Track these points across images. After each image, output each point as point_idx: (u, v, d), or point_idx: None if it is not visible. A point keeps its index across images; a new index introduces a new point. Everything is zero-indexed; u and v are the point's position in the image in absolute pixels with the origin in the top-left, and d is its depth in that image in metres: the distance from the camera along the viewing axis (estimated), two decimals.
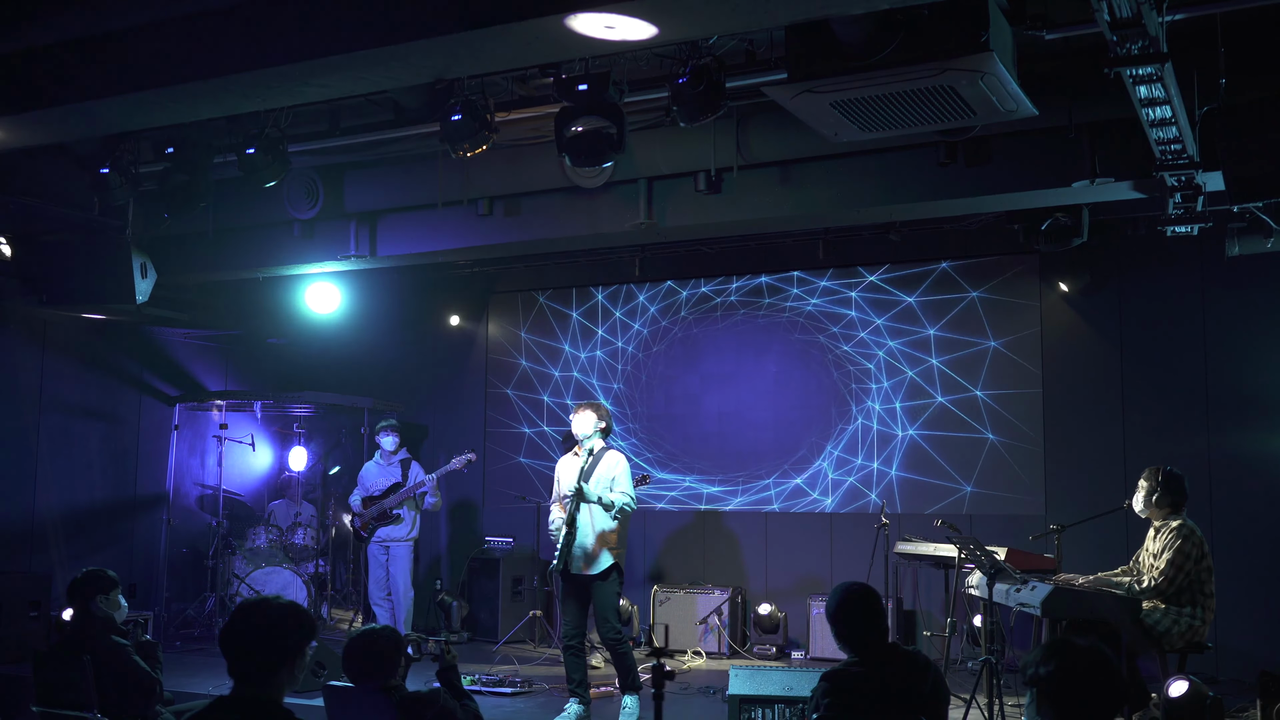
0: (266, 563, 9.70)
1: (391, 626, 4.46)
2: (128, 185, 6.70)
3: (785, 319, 9.84)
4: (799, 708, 5.71)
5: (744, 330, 10.00)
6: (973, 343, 9.14)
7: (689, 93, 5.24)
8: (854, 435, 9.51)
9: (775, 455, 9.76)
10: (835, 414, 9.59)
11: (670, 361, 10.27)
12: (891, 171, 6.88)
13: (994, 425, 9.01)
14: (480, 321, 11.07)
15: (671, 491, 10.11)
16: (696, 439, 10.10)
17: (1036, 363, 8.92)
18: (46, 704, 4.87)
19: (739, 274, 10.02)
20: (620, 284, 10.47)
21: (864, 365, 9.52)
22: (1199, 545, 6.16)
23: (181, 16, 5.05)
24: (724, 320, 10.09)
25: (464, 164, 7.19)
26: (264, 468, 11.36)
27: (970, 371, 9.13)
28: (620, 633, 6.78)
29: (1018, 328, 9.00)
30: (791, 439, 9.72)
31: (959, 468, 9.10)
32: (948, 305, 9.26)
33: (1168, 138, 5.44)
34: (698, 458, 10.07)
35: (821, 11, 4.45)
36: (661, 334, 10.33)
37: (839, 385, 9.59)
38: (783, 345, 9.84)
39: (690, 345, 10.21)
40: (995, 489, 8.97)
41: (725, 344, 10.06)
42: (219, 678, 3.09)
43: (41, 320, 9.40)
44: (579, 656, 6.84)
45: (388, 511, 9.30)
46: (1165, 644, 6.08)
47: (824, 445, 9.61)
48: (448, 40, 4.60)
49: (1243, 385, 8.22)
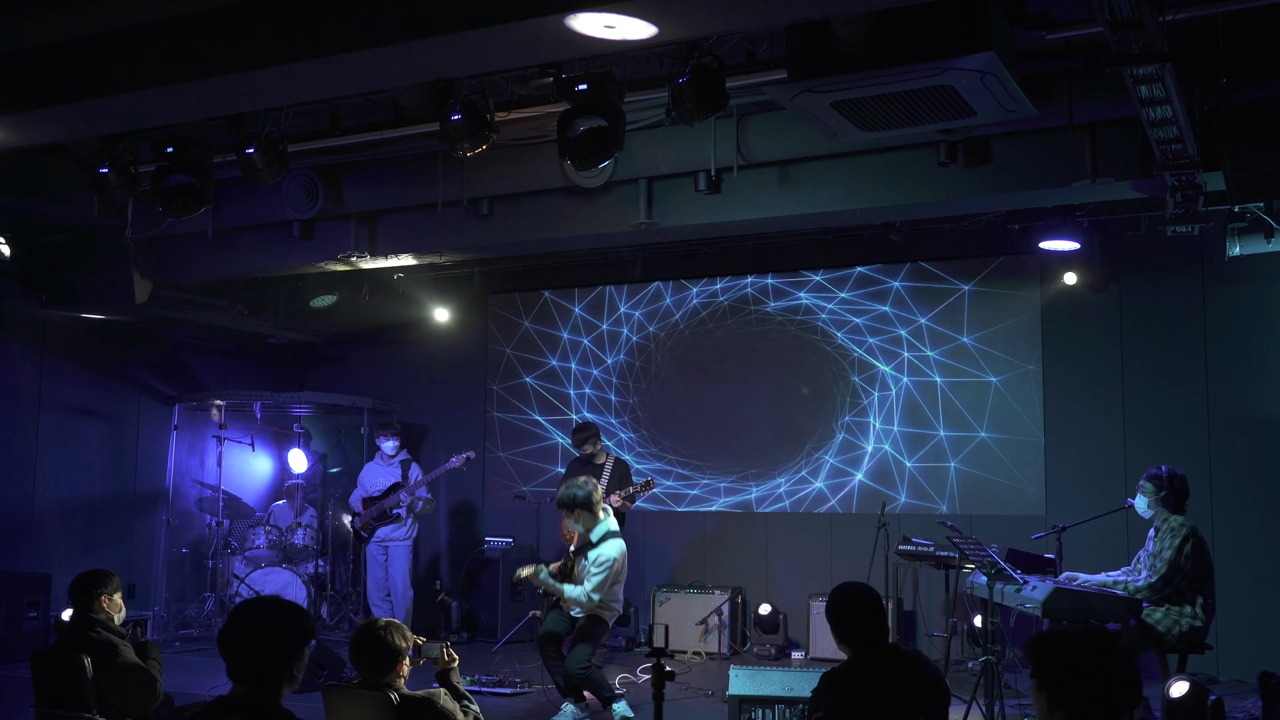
0: (266, 563, 9.70)
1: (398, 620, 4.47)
2: (127, 185, 6.69)
3: (785, 318, 9.84)
4: (799, 708, 5.71)
5: (744, 330, 10.00)
6: (972, 343, 9.14)
7: (689, 93, 5.23)
8: (854, 435, 9.50)
9: (776, 455, 9.76)
10: (836, 414, 9.59)
11: (671, 362, 10.27)
12: (891, 171, 6.88)
13: (994, 425, 9.01)
14: (480, 321, 11.07)
15: (671, 492, 10.11)
16: (697, 439, 10.10)
17: (1037, 363, 8.92)
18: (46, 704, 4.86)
19: (739, 274, 10.01)
20: (620, 284, 10.47)
21: (864, 365, 9.51)
22: (1199, 545, 6.16)
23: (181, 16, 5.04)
24: (724, 320, 10.09)
25: (464, 164, 7.20)
26: (264, 468, 11.35)
27: (970, 371, 9.13)
28: (587, 666, 6.65)
29: (1018, 327, 8.99)
30: (792, 439, 9.72)
31: (958, 467, 9.09)
32: (947, 305, 9.26)
33: (1168, 137, 5.44)
34: (698, 458, 10.07)
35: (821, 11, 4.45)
36: (662, 334, 10.32)
37: (839, 385, 9.59)
38: (783, 345, 9.83)
39: (690, 345, 10.21)
40: (995, 489, 8.97)
41: (725, 344, 10.06)
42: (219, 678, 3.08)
43: (41, 320, 9.40)
44: (560, 660, 6.79)
45: (387, 511, 9.33)
46: (1165, 644, 6.09)
47: (824, 445, 9.60)
48: (448, 40, 4.60)
49: (1243, 385, 8.22)
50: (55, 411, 9.59)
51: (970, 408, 9.11)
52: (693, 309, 10.22)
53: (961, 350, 9.18)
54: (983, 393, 9.08)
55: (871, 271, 9.54)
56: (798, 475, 9.67)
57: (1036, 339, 8.93)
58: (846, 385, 9.57)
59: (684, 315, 10.25)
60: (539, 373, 10.78)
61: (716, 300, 10.13)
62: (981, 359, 9.11)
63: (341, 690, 4.17)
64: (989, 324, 9.09)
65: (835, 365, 9.62)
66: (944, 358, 9.24)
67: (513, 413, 10.87)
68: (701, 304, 10.19)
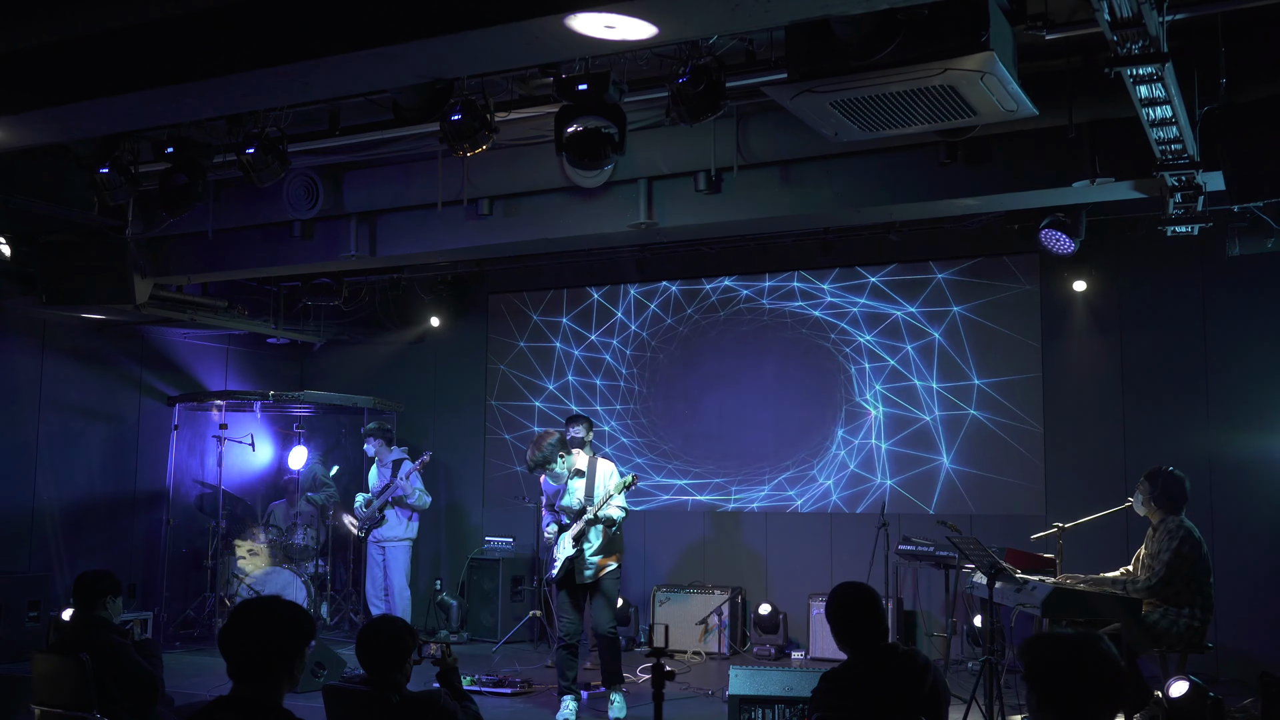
0: (266, 563, 9.70)
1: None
2: (127, 185, 6.69)
3: (785, 319, 9.84)
4: (799, 708, 5.72)
5: (744, 330, 10.00)
6: (972, 343, 9.14)
7: (689, 93, 5.23)
8: (854, 435, 9.51)
9: (775, 455, 9.76)
10: (835, 414, 9.59)
11: (670, 361, 10.27)
12: (891, 171, 6.88)
13: (994, 424, 9.01)
14: (480, 321, 11.07)
15: (671, 492, 10.11)
16: (696, 439, 10.10)
17: (1036, 362, 8.92)
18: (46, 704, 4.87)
19: (739, 274, 10.01)
20: (620, 284, 10.47)
21: (864, 365, 9.51)
22: (1195, 545, 6.17)
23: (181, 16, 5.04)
24: (724, 320, 10.09)
25: (464, 164, 7.20)
26: (264, 468, 11.35)
27: (970, 371, 9.13)
28: (616, 628, 7.05)
29: (1017, 328, 8.99)
30: (791, 439, 9.72)
31: (959, 467, 9.09)
32: (947, 305, 9.26)
33: (1168, 138, 5.44)
34: (698, 458, 10.07)
35: (821, 11, 4.44)
36: (661, 334, 10.33)
37: (839, 385, 9.59)
38: (783, 345, 9.84)
39: (690, 345, 10.21)
40: (995, 489, 8.97)
41: (725, 344, 10.06)
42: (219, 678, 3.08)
43: (41, 320, 9.40)
44: (575, 655, 7.01)
45: (375, 513, 9.41)
46: (1165, 644, 6.09)
47: (824, 445, 9.60)
48: (448, 40, 4.60)
49: (1243, 385, 8.22)
50: (55, 411, 9.59)
51: (970, 407, 9.11)
52: (692, 309, 10.22)
53: (961, 350, 9.18)
54: (982, 392, 9.08)
55: (871, 271, 9.54)
56: (797, 475, 9.67)
57: (1036, 339, 8.94)
58: (846, 385, 9.57)
59: (683, 315, 10.25)
60: (539, 372, 10.77)
61: (716, 300, 10.13)
62: (981, 359, 9.11)
63: (342, 690, 4.17)
64: (989, 324, 9.09)
65: (835, 365, 9.62)
66: (944, 358, 9.24)
67: (512, 412, 10.86)
68: (701, 304, 10.19)
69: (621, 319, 10.49)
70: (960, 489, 9.08)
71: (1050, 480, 8.78)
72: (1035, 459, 8.85)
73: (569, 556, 6.96)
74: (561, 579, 7.05)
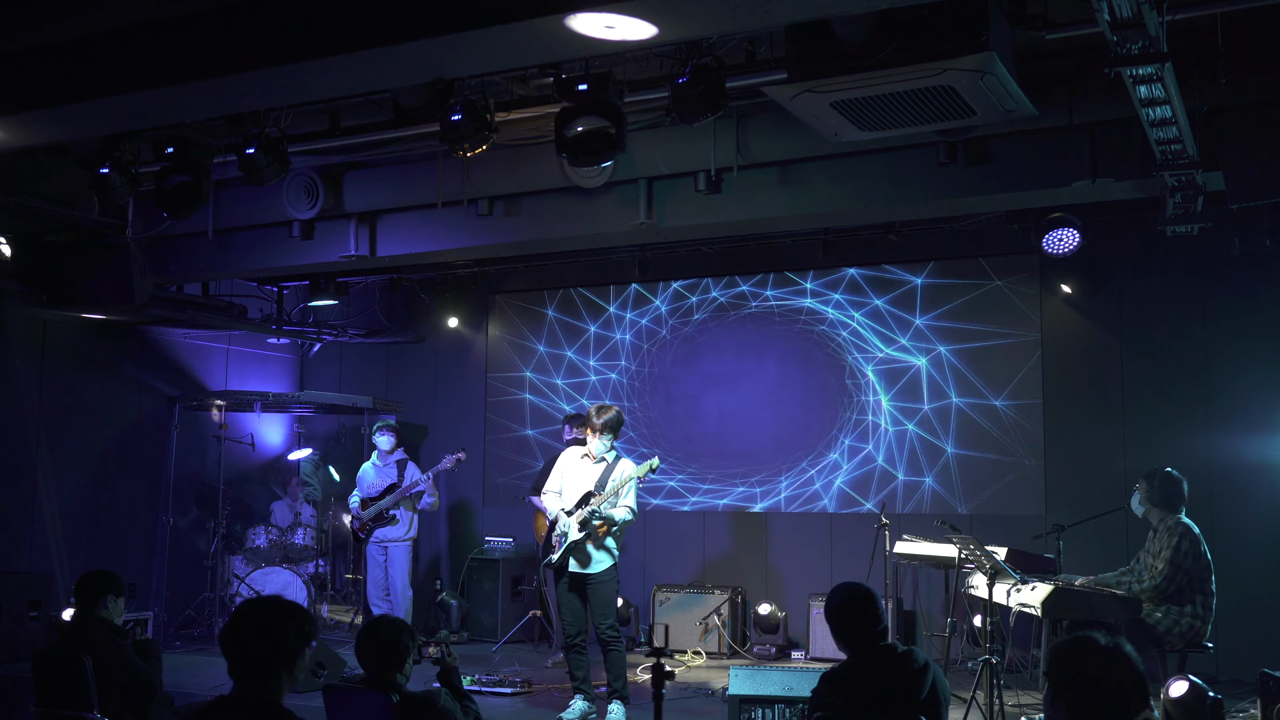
0: (266, 563, 9.70)
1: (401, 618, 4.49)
2: (128, 185, 6.69)
3: (785, 319, 9.84)
4: (799, 708, 5.71)
5: (744, 330, 10.00)
6: (972, 343, 9.15)
7: (689, 93, 5.24)
8: (854, 435, 9.51)
9: (775, 455, 9.76)
10: (835, 414, 9.59)
11: (670, 361, 10.27)
12: (891, 171, 6.88)
13: (994, 424, 9.01)
14: (480, 321, 11.07)
15: (672, 492, 10.11)
16: (697, 439, 10.10)
17: (1036, 362, 8.92)
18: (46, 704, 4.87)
19: (739, 274, 10.01)
20: (620, 284, 10.47)
21: (863, 365, 9.51)
22: (1195, 542, 6.18)
23: (181, 16, 5.05)
24: (724, 320, 10.09)
25: (464, 164, 7.20)
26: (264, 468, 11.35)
27: (970, 371, 9.13)
28: (617, 631, 6.81)
29: (1017, 328, 8.99)
30: (792, 439, 9.72)
31: (959, 467, 9.10)
32: (947, 306, 9.25)
33: (1168, 138, 5.44)
34: (698, 457, 10.07)
35: (821, 11, 4.45)
36: (661, 334, 10.33)
37: (839, 385, 9.59)
38: (783, 345, 9.84)
39: (690, 345, 10.21)
40: (995, 489, 8.97)
41: (725, 344, 10.06)
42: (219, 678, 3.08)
43: (41, 321, 9.39)
44: (582, 654, 6.89)
45: (384, 513, 9.34)
46: (1165, 644, 6.09)
47: (824, 445, 9.61)
48: (448, 40, 4.60)
49: (1243, 385, 8.22)
50: (55, 411, 9.58)
51: (970, 407, 9.11)
52: (692, 309, 10.22)
53: (961, 350, 9.18)
54: (982, 392, 9.08)
55: (871, 272, 9.54)
56: (798, 475, 9.67)
57: (1036, 339, 8.93)
58: (846, 385, 9.57)
59: (683, 315, 10.25)
60: (539, 372, 10.78)
61: (716, 300, 10.13)
62: (981, 359, 9.11)
63: (342, 690, 4.17)
64: (989, 324, 9.09)
65: (835, 365, 9.62)
66: (943, 357, 9.24)
67: (513, 413, 10.86)
68: (701, 304, 10.19)
69: (621, 319, 10.49)
70: (960, 489, 9.08)
71: (1050, 480, 8.78)
72: (1035, 459, 8.85)
73: (574, 541, 6.76)
74: (559, 566, 6.85)
